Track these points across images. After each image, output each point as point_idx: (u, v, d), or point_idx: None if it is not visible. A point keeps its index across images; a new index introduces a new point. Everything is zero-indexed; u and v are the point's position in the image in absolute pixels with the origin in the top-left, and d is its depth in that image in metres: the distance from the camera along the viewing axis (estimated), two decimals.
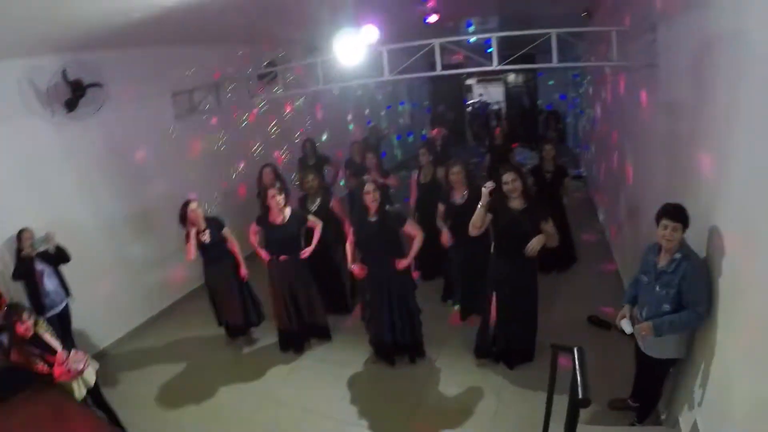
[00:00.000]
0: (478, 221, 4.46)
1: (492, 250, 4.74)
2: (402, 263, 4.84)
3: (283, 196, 5.25)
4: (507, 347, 4.90)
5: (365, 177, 6.07)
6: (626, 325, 3.67)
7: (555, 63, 4.71)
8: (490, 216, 4.51)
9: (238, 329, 5.91)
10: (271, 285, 5.52)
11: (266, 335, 5.96)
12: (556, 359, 3.41)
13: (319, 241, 5.52)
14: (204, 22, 5.39)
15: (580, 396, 2.59)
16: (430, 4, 6.39)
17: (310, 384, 5.17)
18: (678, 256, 3.26)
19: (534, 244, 4.37)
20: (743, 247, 2.86)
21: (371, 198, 4.76)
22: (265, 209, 5.53)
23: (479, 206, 4.43)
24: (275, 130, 9.02)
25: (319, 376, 5.27)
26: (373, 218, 4.83)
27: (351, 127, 11.87)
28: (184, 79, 6.84)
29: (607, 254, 7.26)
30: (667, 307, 3.32)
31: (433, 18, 6.73)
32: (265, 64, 7.85)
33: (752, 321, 2.68)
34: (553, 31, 4.63)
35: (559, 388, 3.39)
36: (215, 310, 5.82)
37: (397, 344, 5.20)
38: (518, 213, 4.45)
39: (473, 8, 8.13)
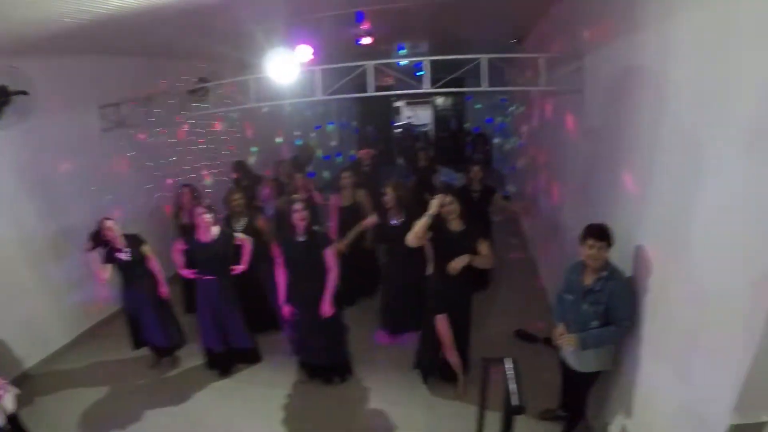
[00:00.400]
0: (420, 231, 4.40)
1: (429, 270, 4.76)
2: (325, 309, 4.79)
3: (212, 214, 5.09)
4: (445, 362, 4.93)
5: (294, 196, 6.01)
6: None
7: (485, 87, 4.87)
8: (429, 234, 4.52)
9: (161, 351, 5.65)
10: (197, 305, 5.34)
11: (192, 357, 5.71)
12: (488, 372, 3.47)
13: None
14: (136, 33, 5.24)
15: (515, 404, 2.66)
16: (364, 27, 6.48)
17: (238, 407, 5.00)
18: (604, 274, 3.41)
19: (457, 263, 4.41)
20: (665, 263, 3.05)
21: (300, 216, 4.68)
22: (185, 228, 5.38)
23: (426, 215, 4.39)
24: (204, 147, 8.83)
25: (248, 399, 5.10)
26: (301, 237, 4.75)
27: (280, 144, 11.76)
28: (113, 91, 6.57)
29: (533, 271, 7.51)
30: (595, 323, 3.45)
31: (366, 40, 6.83)
32: (196, 79, 7.70)
33: (674, 333, 2.87)
34: (484, 57, 4.80)
35: (491, 403, 3.48)
36: (132, 333, 5.50)
37: (326, 364, 5.15)
38: (457, 234, 4.51)
39: (406, 32, 8.31)
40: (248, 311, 5.55)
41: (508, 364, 2.94)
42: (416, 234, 4.41)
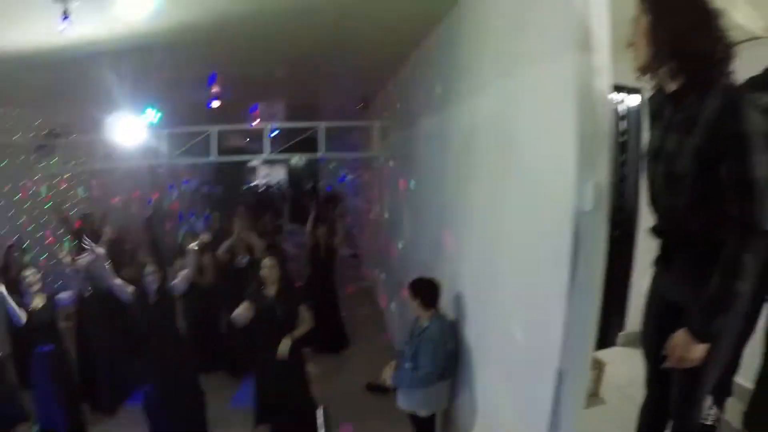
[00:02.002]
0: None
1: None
2: None
3: (38, 278, 4.64)
4: None
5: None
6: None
7: (321, 153, 5.21)
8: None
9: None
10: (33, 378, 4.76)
11: None
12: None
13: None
14: None
15: None
16: (214, 90, 6.60)
17: None
18: (425, 323, 3.74)
19: (282, 348, 4.41)
20: (483, 308, 3.45)
21: (153, 279, 4.55)
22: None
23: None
24: (49, 205, 8.23)
25: None
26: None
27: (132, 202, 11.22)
28: None
29: (381, 325, 7.78)
30: (408, 365, 3.74)
31: (216, 104, 6.95)
32: (44, 133, 7.25)
33: (495, 369, 3.22)
34: (322, 124, 5.16)
35: None
36: None
37: None
38: (272, 300, 4.54)
39: (258, 96, 8.52)
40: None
41: (319, 413, 3.07)
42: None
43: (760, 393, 2.77)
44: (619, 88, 3.89)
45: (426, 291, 3.78)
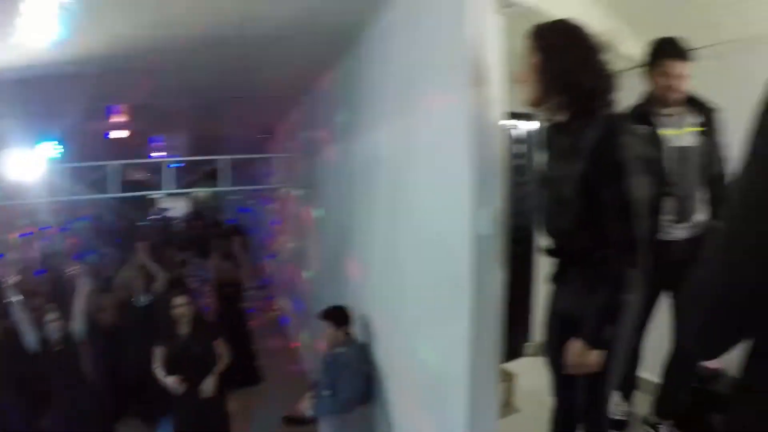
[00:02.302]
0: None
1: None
2: None
3: None
4: None
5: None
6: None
7: (225, 187, 5.17)
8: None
9: None
10: None
11: None
12: None
13: None
14: None
15: None
16: (114, 121, 6.35)
17: None
18: (338, 350, 3.78)
19: (207, 386, 4.40)
20: (389, 334, 3.54)
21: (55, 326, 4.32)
22: None
23: None
24: None
25: None
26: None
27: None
28: None
29: (293, 356, 7.69)
30: (326, 392, 3.75)
31: (116, 134, 6.69)
32: None
33: (408, 392, 3.28)
34: (224, 158, 5.12)
35: None
36: None
37: None
38: (187, 339, 4.47)
39: (161, 127, 8.27)
40: None
41: None
42: None
43: (667, 383, 3.07)
44: (517, 115, 4.18)
45: (339, 318, 3.82)
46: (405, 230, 3.10)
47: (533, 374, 3.89)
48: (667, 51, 2.72)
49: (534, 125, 4.45)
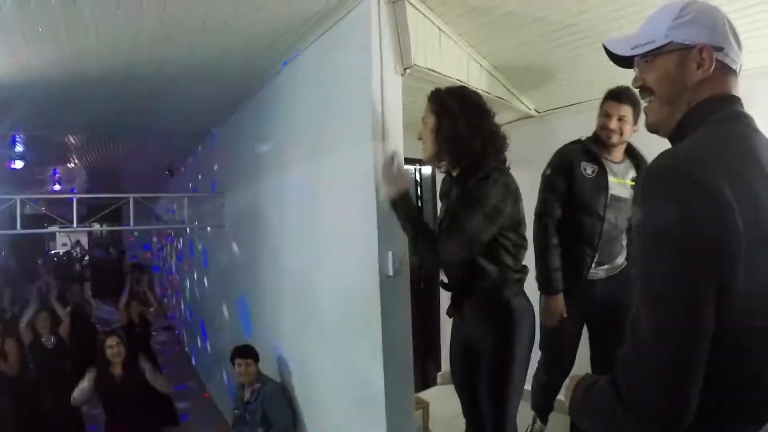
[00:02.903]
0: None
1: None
2: None
3: None
4: None
5: None
6: None
7: (132, 226, 5.09)
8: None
9: None
10: None
11: None
12: None
13: None
14: None
15: None
16: (18, 150, 6.07)
17: None
18: (258, 386, 3.80)
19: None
20: (302, 369, 3.66)
21: None
22: None
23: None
24: None
25: None
26: None
27: None
28: None
29: (205, 397, 7.50)
30: (260, 430, 3.73)
31: (18, 164, 6.39)
32: None
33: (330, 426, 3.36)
34: (131, 196, 5.04)
35: None
36: None
37: None
38: (120, 379, 4.33)
39: (60, 160, 7.92)
40: None
41: None
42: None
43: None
44: (414, 161, 4.48)
45: (256, 354, 3.86)
46: (319, 271, 3.23)
47: (447, 400, 4.15)
48: (610, 94, 2.88)
49: (427, 170, 4.94)
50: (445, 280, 2.49)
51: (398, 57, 2.62)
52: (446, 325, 4.80)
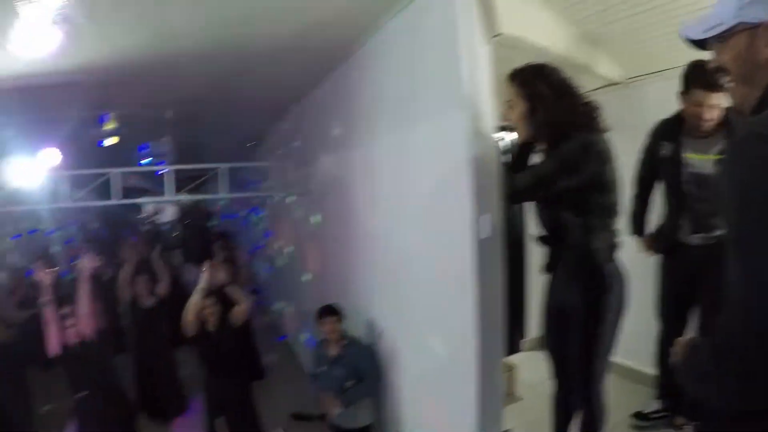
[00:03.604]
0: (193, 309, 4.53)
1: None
2: None
3: None
4: None
5: None
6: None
7: (225, 194, 5.31)
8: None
9: None
10: None
11: None
12: None
13: None
14: None
15: None
16: (107, 128, 6.42)
17: None
18: (344, 342, 4.00)
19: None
20: (391, 329, 3.81)
21: None
22: None
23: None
24: None
25: None
26: None
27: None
28: None
29: (293, 357, 7.80)
30: (349, 383, 3.92)
31: (108, 142, 6.78)
32: None
33: (417, 383, 3.53)
34: (220, 165, 5.26)
35: None
36: None
37: None
38: (216, 335, 4.58)
39: (149, 136, 8.34)
40: None
41: None
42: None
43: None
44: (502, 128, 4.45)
45: (341, 312, 4.06)
46: (412, 235, 3.32)
47: (531, 367, 4.22)
48: (697, 81, 2.81)
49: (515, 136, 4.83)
50: (542, 233, 2.59)
51: (485, 25, 2.64)
52: (531, 294, 4.85)
